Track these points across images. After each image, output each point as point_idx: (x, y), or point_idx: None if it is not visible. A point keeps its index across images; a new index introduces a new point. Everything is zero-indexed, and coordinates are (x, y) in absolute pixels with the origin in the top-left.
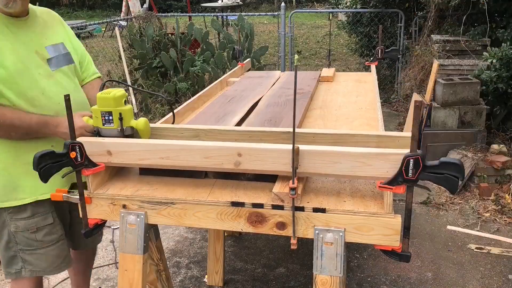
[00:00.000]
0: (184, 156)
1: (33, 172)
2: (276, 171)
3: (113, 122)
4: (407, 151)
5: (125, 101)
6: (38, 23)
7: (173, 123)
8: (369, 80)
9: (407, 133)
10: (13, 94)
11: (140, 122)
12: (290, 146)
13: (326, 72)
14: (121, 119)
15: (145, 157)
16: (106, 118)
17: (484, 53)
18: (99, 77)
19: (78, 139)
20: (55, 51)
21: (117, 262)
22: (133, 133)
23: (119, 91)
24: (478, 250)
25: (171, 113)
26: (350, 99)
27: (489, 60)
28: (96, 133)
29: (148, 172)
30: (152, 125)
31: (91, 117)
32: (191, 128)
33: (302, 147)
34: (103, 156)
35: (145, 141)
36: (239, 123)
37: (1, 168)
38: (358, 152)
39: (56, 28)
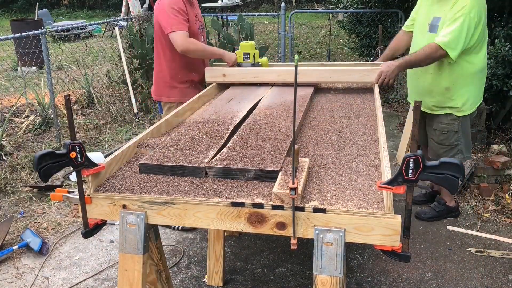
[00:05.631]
0: (267, 75)
1: None
2: (315, 82)
3: (249, 59)
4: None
5: (255, 47)
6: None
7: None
8: None
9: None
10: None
11: (264, 59)
12: (321, 68)
13: None
14: (254, 57)
15: (245, 77)
16: (246, 56)
17: None
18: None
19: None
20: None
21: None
22: (259, 65)
23: (252, 42)
24: (479, 254)
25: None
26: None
27: None
28: (238, 65)
29: (148, 171)
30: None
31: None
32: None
33: (333, 68)
34: (220, 77)
35: (245, 68)
36: (240, 122)
37: None
38: (362, 68)
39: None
